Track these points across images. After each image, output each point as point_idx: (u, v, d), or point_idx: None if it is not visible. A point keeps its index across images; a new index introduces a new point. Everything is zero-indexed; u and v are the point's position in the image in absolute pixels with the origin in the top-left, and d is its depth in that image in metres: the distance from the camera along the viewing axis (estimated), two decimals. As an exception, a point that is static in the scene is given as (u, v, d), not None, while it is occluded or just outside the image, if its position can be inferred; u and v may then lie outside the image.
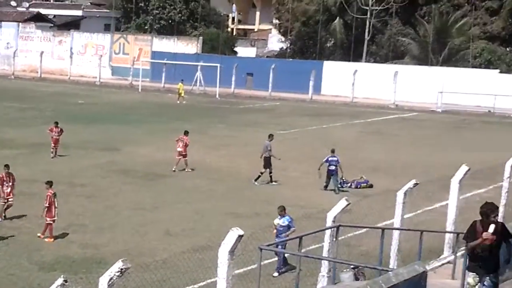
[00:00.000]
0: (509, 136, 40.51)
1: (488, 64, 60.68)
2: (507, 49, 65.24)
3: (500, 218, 17.30)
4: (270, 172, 26.86)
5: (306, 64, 64.26)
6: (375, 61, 67.09)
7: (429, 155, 33.28)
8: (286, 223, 17.53)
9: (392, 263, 15.08)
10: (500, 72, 57.75)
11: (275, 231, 17.65)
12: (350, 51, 66.90)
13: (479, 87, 53.69)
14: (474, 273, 10.88)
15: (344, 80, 58.97)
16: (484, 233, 10.46)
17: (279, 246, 16.31)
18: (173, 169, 28.04)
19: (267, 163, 26.84)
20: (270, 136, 27.84)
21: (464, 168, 15.71)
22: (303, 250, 15.76)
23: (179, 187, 25.75)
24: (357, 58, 66.29)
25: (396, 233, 15.56)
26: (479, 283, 10.79)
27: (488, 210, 10.64)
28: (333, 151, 26.36)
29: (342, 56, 68.34)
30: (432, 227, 17.78)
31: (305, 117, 47.07)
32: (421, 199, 20.26)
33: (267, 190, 25.55)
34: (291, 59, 69.57)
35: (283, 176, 27.48)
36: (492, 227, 10.45)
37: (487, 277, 10.70)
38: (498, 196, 17.92)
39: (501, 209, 17.37)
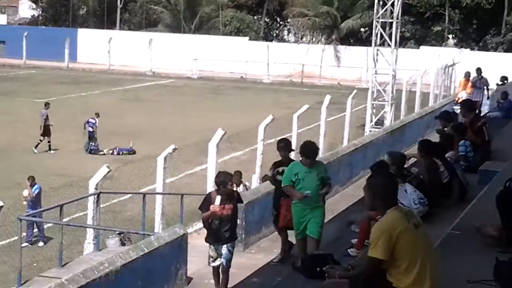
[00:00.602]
0: (261, 100, 42.40)
1: (238, 32, 62.62)
2: (255, 17, 67.79)
3: (256, 180, 18.38)
4: (40, 141, 27.12)
5: (60, 31, 62.81)
6: (130, 29, 66.93)
7: (188, 120, 34.08)
8: (36, 192, 17.54)
9: (157, 227, 15.52)
10: (250, 39, 59.85)
11: (24, 202, 17.51)
12: (104, 19, 66.28)
13: (231, 54, 55.46)
14: (213, 246, 10.70)
15: (100, 47, 58.31)
16: (211, 206, 10.34)
17: (38, 217, 16.29)
18: None
19: (46, 131, 27.17)
20: (46, 105, 28.26)
21: (220, 132, 16.01)
22: (67, 219, 15.86)
23: None
24: (111, 25, 65.81)
25: (159, 198, 15.99)
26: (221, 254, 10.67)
27: (226, 178, 10.54)
28: (96, 114, 27.79)
29: (96, 24, 67.41)
30: (194, 190, 18.47)
31: (62, 85, 46.16)
32: (182, 163, 20.91)
33: (28, 160, 25.08)
34: (44, 27, 67.66)
35: (44, 145, 27.12)
36: (218, 199, 10.31)
37: (224, 246, 10.61)
38: (254, 158, 18.93)
39: (257, 170, 18.41)
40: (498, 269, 6.68)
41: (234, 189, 16.00)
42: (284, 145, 11.74)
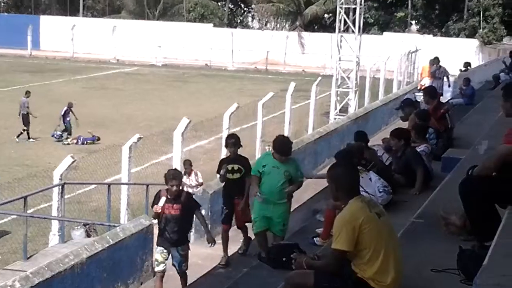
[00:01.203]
0: (226, 87, 42.38)
1: (202, 19, 62.33)
2: (219, 3, 67.49)
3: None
4: (27, 130, 26.79)
5: (22, 18, 62.20)
6: (93, 16, 66.44)
7: (153, 108, 33.91)
8: None
9: (123, 218, 15.45)
10: (214, 26, 59.60)
11: None
12: (66, 6, 65.58)
13: (195, 41, 55.31)
14: (162, 248, 10.17)
15: (63, 35, 57.76)
16: (154, 206, 9.95)
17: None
18: None
19: (25, 120, 26.77)
20: (27, 93, 27.90)
21: (185, 121, 15.83)
22: (31, 210, 15.72)
23: None
24: (74, 12, 65.17)
25: (124, 188, 15.91)
26: (168, 258, 10.26)
27: (169, 177, 9.91)
28: (69, 104, 27.90)
29: (59, 11, 66.75)
30: (159, 180, 18.29)
31: (26, 74, 45.49)
32: (147, 152, 20.82)
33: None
34: (6, 14, 66.80)
35: (7, 134, 26.83)
36: (162, 200, 9.87)
37: (175, 250, 10.15)
38: (219, 147, 18.91)
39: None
40: (462, 258, 6.76)
41: (185, 179, 16.08)
42: (235, 141, 11.28)
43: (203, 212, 10.87)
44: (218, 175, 11.54)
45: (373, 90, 29.57)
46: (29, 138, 26.75)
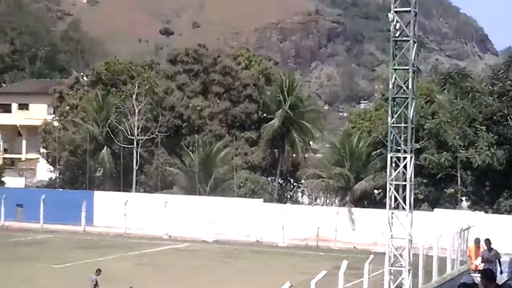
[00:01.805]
0: (277, 264, 42.28)
1: (252, 194, 62.83)
2: (268, 178, 68.36)
3: None
4: None
5: (77, 194, 63.43)
6: (145, 191, 67.42)
7: (204, 285, 33.91)
8: None
9: None
10: (264, 201, 59.88)
11: None
12: (120, 181, 67.03)
13: (246, 217, 55.66)
14: None
15: (116, 210, 58.69)
16: None
17: None
18: None
19: None
20: (98, 271, 28.16)
21: None
22: None
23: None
24: (127, 187, 66.41)
25: None
26: None
27: None
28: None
29: (112, 186, 68.12)
30: None
31: (79, 250, 46.18)
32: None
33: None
34: (61, 190, 68.48)
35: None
36: None
37: None
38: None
39: None
40: None
41: None
42: None
43: None
44: None
45: (427, 269, 29.24)
46: None
